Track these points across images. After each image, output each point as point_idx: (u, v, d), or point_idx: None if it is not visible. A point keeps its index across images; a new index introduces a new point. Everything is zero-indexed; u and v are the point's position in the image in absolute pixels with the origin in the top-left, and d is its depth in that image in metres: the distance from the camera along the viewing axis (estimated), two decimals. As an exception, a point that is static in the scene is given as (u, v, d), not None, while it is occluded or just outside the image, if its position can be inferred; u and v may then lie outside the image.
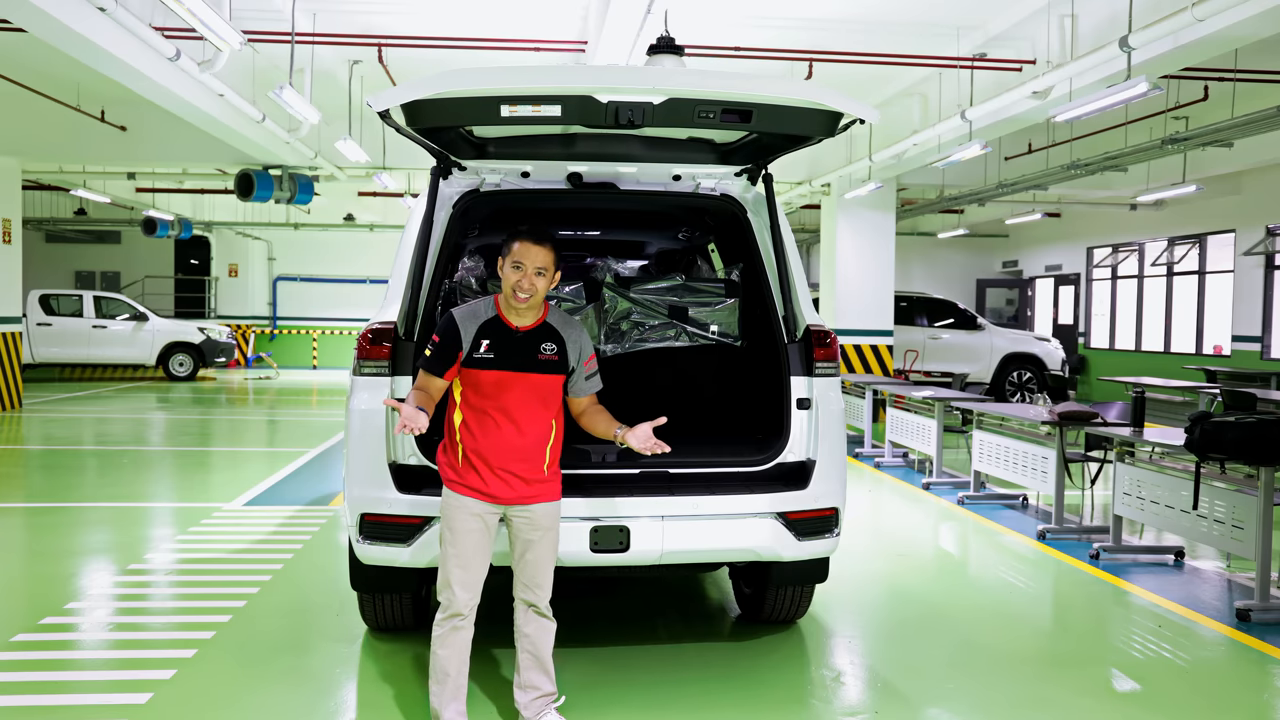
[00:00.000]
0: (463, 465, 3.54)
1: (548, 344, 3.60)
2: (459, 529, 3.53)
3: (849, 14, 9.51)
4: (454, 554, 3.52)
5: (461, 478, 3.54)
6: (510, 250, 3.52)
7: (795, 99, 3.74)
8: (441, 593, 3.55)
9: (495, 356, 3.52)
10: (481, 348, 3.51)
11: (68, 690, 4.13)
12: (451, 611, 3.52)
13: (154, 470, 9.78)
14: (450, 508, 3.55)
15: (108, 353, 19.17)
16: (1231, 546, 5.66)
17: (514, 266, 3.50)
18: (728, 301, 5.07)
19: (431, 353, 3.53)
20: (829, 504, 4.23)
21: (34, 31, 7.40)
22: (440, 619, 3.54)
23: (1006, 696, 4.25)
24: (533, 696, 3.69)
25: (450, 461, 3.58)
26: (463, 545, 3.53)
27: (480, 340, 3.52)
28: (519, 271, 3.49)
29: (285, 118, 11.52)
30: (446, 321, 3.57)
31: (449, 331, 3.53)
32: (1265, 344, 15.81)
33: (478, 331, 3.53)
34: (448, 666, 3.53)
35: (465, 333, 3.52)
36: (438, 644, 3.54)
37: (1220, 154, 13.36)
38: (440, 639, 3.53)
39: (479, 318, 3.56)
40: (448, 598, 3.53)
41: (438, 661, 3.54)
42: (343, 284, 24.49)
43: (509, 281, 3.51)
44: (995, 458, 8.25)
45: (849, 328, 14.52)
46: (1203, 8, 6.63)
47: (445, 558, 3.54)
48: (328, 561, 6.17)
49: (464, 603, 3.52)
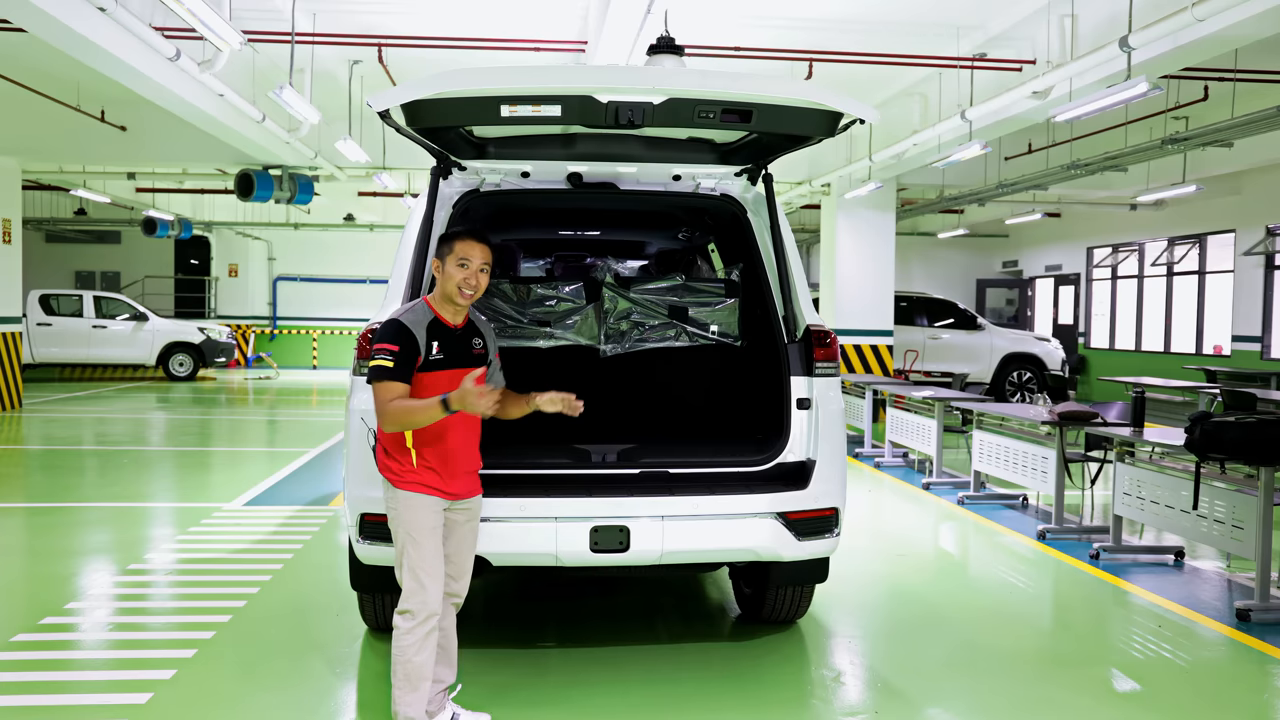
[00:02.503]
0: (418, 466, 3.50)
1: (476, 339, 3.69)
2: (426, 528, 3.50)
3: (849, 14, 9.51)
4: (426, 555, 3.48)
5: (419, 478, 3.50)
6: (453, 249, 3.55)
7: (795, 99, 3.74)
8: (411, 598, 3.46)
9: (445, 356, 3.54)
10: (434, 349, 3.51)
11: (68, 690, 4.13)
12: (428, 613, 3.46)
13: (154, 470, 9.78)
14: (412, 509, 3.49)
15: (108, 353, 19.17)
16: (1231, 546, 5.66)
17: (460, 264, 3.53)
18: (728, 301, 5.08)
19: (395, 364, 3.40)
20: (829, 504, 4.23)
21: (34, 31, 7.40)
22: (412, 625, 3.45)
23: (1006, 696, 4.25)
24: (438, 690, 3.68)
25: (401, 464, 3.51)
26: (432, 545, 3.51)
27: (431, 342, 3.51)
28: (465, 269, 3.54)
29: (285, 118, 11.52)
30: (397, 329, 3.46)
31: (406, 338, 3.45)
32: (1265, 344, 15.81)
33: (426, 334, 3.51)
34: (424, 671, 3.48)
35: (418, 336, 3.48)
36: (413, 651, 3.45)
37: (1220, 154, 13.35)
38: (416, 646, 3.45)
39: (422, 322, 3.52)
40: (421, 601, 3.46)
41: (413, 669, 3.45)
42: (343, 284, 24.49)
43: (454, 279, 3.54)
44: (995, 458, 8.25)
45: (849, 328, 14.52)
46: (1203, 8, 6.63)
47: (416, 561, 3.47)
48: (328, 561, 6.17)
49: (437, 603, 3.50)
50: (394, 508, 3.53)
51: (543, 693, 4.12)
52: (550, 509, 3.94)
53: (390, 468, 3.53)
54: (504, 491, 3.93)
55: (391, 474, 3.52)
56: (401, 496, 3.50)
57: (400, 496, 3.51)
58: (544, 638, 4.84)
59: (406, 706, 3.48)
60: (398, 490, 3.51)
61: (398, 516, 3.52)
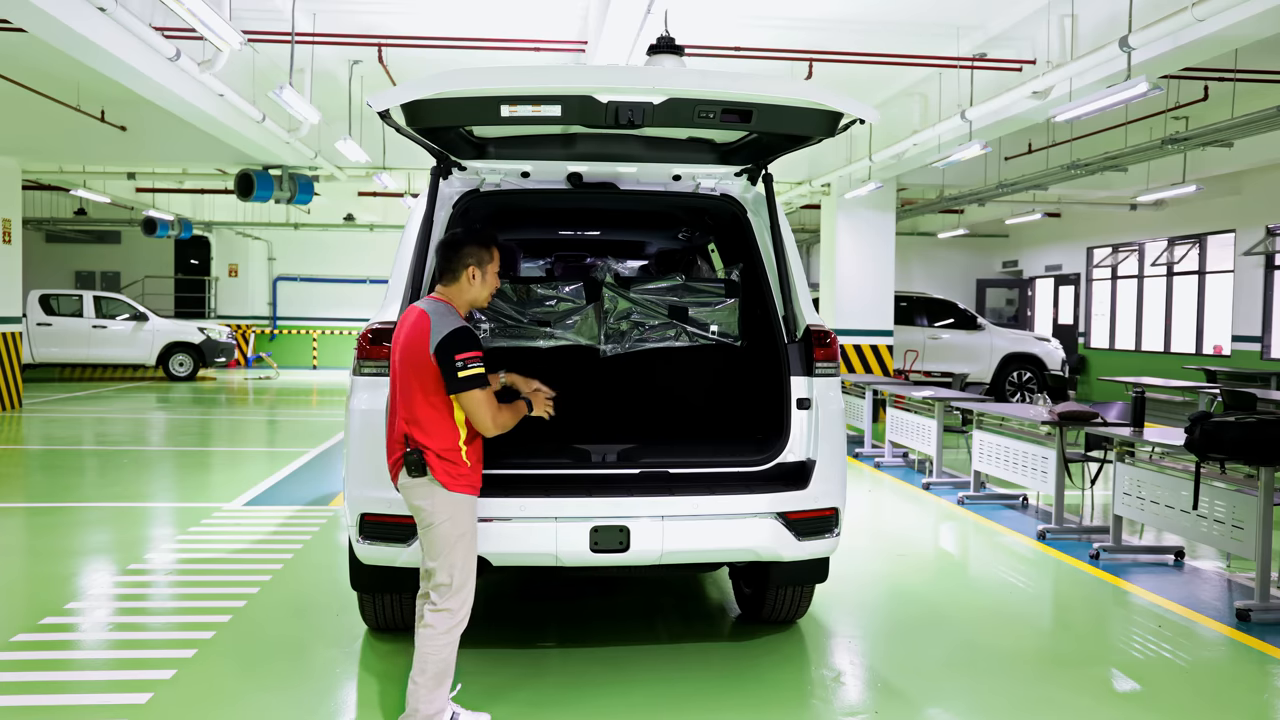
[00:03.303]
0: (469, 467, 3.57)
1: None
2: (474, 529, 3.59)
3: (849, 14, 9.51)
4: (472, 555, 3.57)
5: (470, 480, 3.57)
6: (495, 258, 3.67)
7: (795, 99, 3.74)
8: (453, 597, 3.51)
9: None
10: None
11: (68, 690, 4.13)
12: (465, 613, 3.54)
13: (154, 470, 9.78)
14: (462, 511, 3.55)
15: (108, 353, 19.17)
16: (1231, 546, 5.66)
17: (497, 275, 3.70)
18: (728, 301, 5.07)
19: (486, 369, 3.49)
20: (829, 504, 4.23)
21: (34, 31, 7.40)
22: (450, 625, 3.49)
23: (1006, 696, 4.25)
24: None
25: (456, 466, 3.54)
26: (474, 546, 3.59)
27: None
28: (496, 278, 3.71)
29: (285, 118, 11.52)
30: (473, 335, 3.51)
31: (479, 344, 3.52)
32: (1265, 344, 15.81)
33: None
34: (451, 666, 3.54)
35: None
36: (449, 649, 3.50)
37: (1220, 154, 13.36)
38: (451, 643, 3.51)
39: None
40: (462, 600, 3.53)
41: (445, 667, 3.51)
42: (343, 284, 24.49)
43: (492, 287, 3.71)
44: (995, 458, 8.25)
45: (849, 328, 14.52)
46: (1203, 8, 6.63)
47: (463, 560, 3.53)
48: (328, 561, 6.17)
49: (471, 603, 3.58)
50: (447, 510, 3.52)
51: (543, 693, 4.12)
52: (550, 509, 3.94)
53: (447, 470, 3.52)
54: (504, 491, 3.93)
55: (447, 477, 3.52)
56: (456, 499, 3.54)
57: (455, 500, 3.53)
58: (544, 638, 4.84)
59: (429, 704, 3.49)
60: (452, 493, 3.52)
61: (452, 519, 3.52)
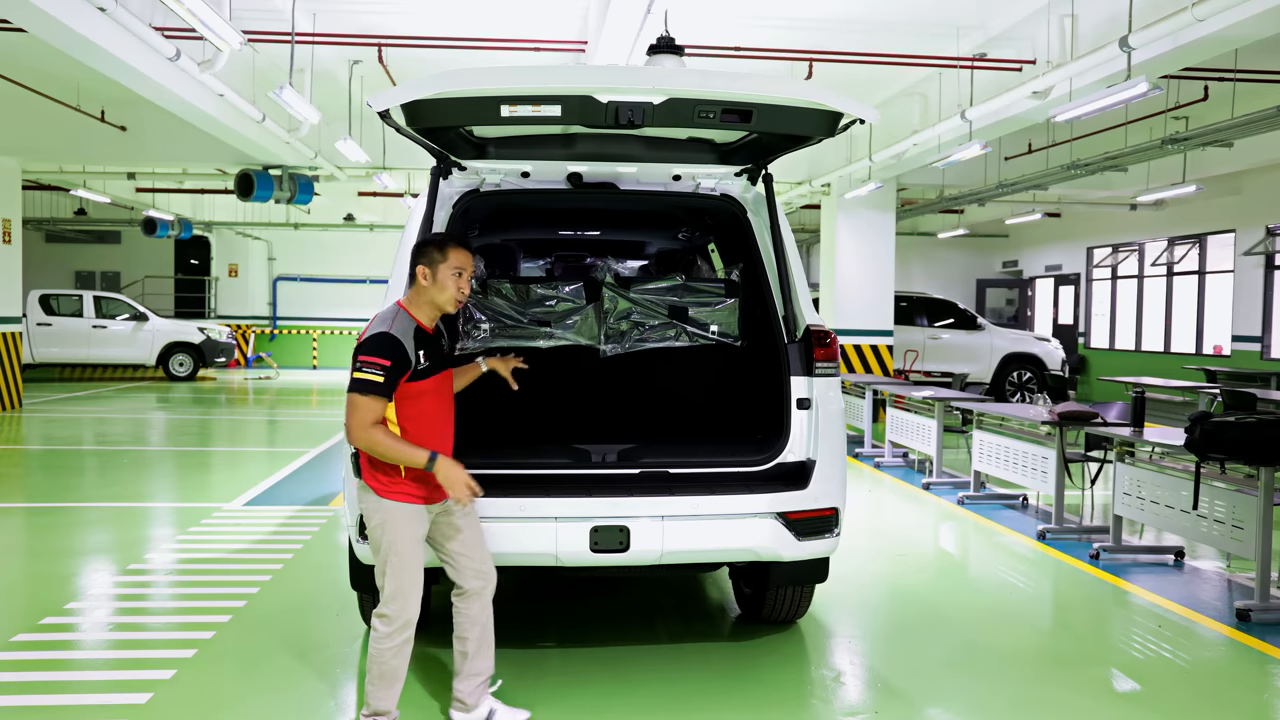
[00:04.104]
0: (406, 474, 3.49)
1: (442, 338, 3.75)
2: (411, 539, 3.52)
3: (849, 14, 9.51)
4: (408, 565, 3.51)
5: (406, 488, 3.50)
6: (448, 258, 3.56)
7: (795, 99, 3.74)
8: (391, 604, 3.50)
9: (430, 364, 3.56)
10: (421, 358, 3.50)
11: (68, 690, 4.13)
12: (405, 620, 3.51)
13: (154, 470, 9.78)
14: (397, 521, 3.49)
15: (108, 353, 19.17)
16: (1231, 546, 5.66)
17: (456, 274, 3.57)
18: (728, 301, 5.07)
19: (385, 379, 3.37)
20: (829, 504, 4.22)
21: (34, 31, 7.40)
22: (390, 631, 3.49)
23: (1006, 696, 4.25)
24: (479, 682, 3.75)
25: (388, 474, 3.49)
26: (415, 555, 3.54)
27: (418, 351, 3.50)
28: (460, 279, 3.58)
29: (285, 118, 11.52)
30: (390, 342, 3.41)
31: (398, 351, 3.42)
32: (1265, 344, 15.81)
33: (414, 343, 3.49)
34: (399, 672, 3.56)
35: (408, 348, 3.46)
36: (391, 655, 3.50)
37: (1220, 154, 13.36)
38: (394, 650, 3.51)
39: (408, 331, 3.50)
40: (400, 608, 3.50)
41: (389, 670, 3.52)
42: (343, 284, 24.49)
43: (448, 290, 3.56)
44: (995, 458, 8.25)
45: (849, 328, 14.52)
46: (1203, 8, 6.63)
47: (398, 570, 3.49)
48: (328, 561, 6.17)
49: (415, 611, 3.55)
50: (378, 517, 3.52)
51: (543, 693, 4.12)
52: (550, 509, 3.94)
53: (377, 477, 3.50)
54: (504, 491, 3.93)
55: (378, 483, 3.50)
56: (387, 507, 3.49)
57: (386, 507, 3.50)
58: (544, 638, 4.84)
59: (379, 700, 3.56)
60: (383, 500, 3.50)
61: (382, 526, 3.51)
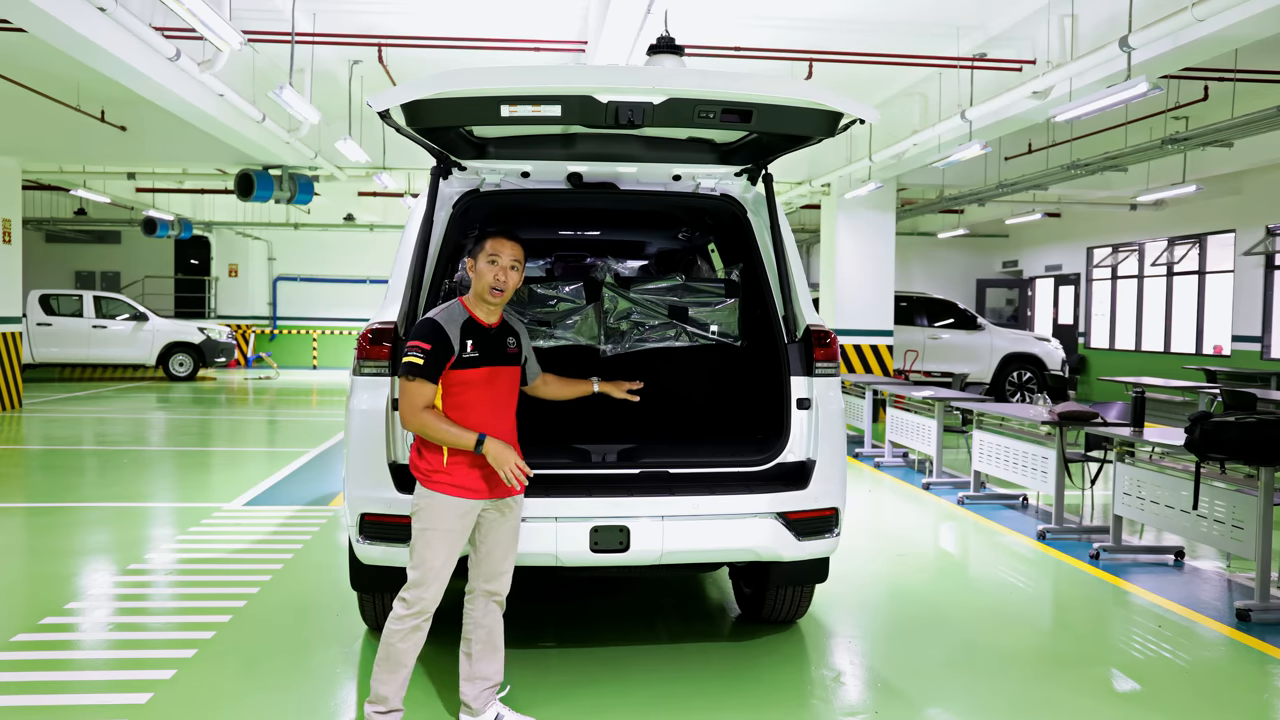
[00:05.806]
0: (450, 465, 3.52)
1: (510, 338, 3.74)
2: (449, 529, 3.54)
3: (849, 14, 9.51)
4: (436, 556, 3.52)
5: (451, 477, 3.52)
6: (484, 248, 3.61)
7: (795, 99, 3.74)
8: (412, 590, 3.53)
9: (480, 354, 3.58)
10: (468, 347, 3.55)
11: (68, 690, 4.13)
12: (420, 609, 3.53)
13: (154, 470, 9.78)
14: (438, 509, 3.53)
15: (108, 353, 19.17)
16: (1231, 546, 5.66)
17: (490, 261, 3.59)
18: (728, 301, 5.07)
19: (426, 361, 3.45)
20: (829, 504, 4.23)
21: (34, 31, 7.40)
22: (404, 615, 3.52)
23: (1006, 696, 4.25)
24: (486, 687, 3.75)
25: (429, 463, 3.54)
26: (451, 546, 3.55)
27: (465, 340, 3.56)
28: (495, 266, 3.59)
29: (285, 118, 11.52)
30: (431, 326, 3.52)
31: (438, 336, 3.50)
32: (1265, 344, 15.81)
33: (460, 333, 3.55)
34: (404, 659, 3.56)
35: (451, 335, 3.53)
36: (398, 638, 3.53)
37: (1220, 154, 13.35)
38: (402, 634, 3.53)
39: (456, 320, 3.58)
40: (418, 596, 3.52)
41: (394, 653, 3.54)
42: (343, 284, 24.49)
43: (485, 278, 3.59)
44: (995, 458, 8.25)
45: (849, 328, 14.52)
46: (1203, 8, 6.63)
47: (424, 559, 3.52)
48: (328, 561, 6.17)
49: (433, 603, 3.56)
50: (418, 504, 3.58)
51: (543, 693, 4.12)
52: (550, 509, 3.94)
53: (419, 466, 3.57)
54: None
55: (420, 472, 3.57)
56: (426, 495, 3.55)
57: (425, 495, 3.56)
58: (544, 638, 4.85)
59: (380, 684, 3.58)
60: (424, 489, 3.55)
61: (419, 512, 3.57)
